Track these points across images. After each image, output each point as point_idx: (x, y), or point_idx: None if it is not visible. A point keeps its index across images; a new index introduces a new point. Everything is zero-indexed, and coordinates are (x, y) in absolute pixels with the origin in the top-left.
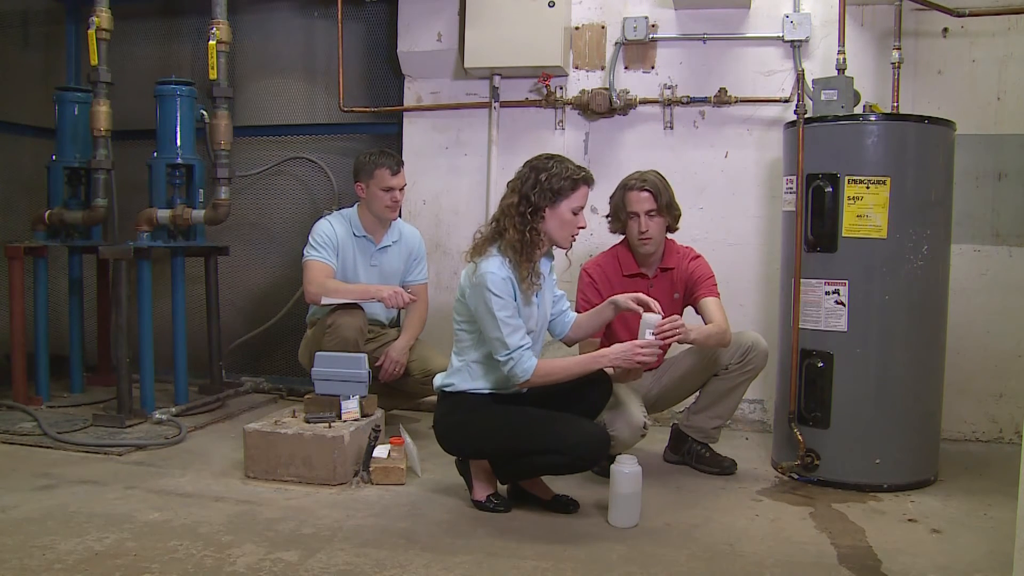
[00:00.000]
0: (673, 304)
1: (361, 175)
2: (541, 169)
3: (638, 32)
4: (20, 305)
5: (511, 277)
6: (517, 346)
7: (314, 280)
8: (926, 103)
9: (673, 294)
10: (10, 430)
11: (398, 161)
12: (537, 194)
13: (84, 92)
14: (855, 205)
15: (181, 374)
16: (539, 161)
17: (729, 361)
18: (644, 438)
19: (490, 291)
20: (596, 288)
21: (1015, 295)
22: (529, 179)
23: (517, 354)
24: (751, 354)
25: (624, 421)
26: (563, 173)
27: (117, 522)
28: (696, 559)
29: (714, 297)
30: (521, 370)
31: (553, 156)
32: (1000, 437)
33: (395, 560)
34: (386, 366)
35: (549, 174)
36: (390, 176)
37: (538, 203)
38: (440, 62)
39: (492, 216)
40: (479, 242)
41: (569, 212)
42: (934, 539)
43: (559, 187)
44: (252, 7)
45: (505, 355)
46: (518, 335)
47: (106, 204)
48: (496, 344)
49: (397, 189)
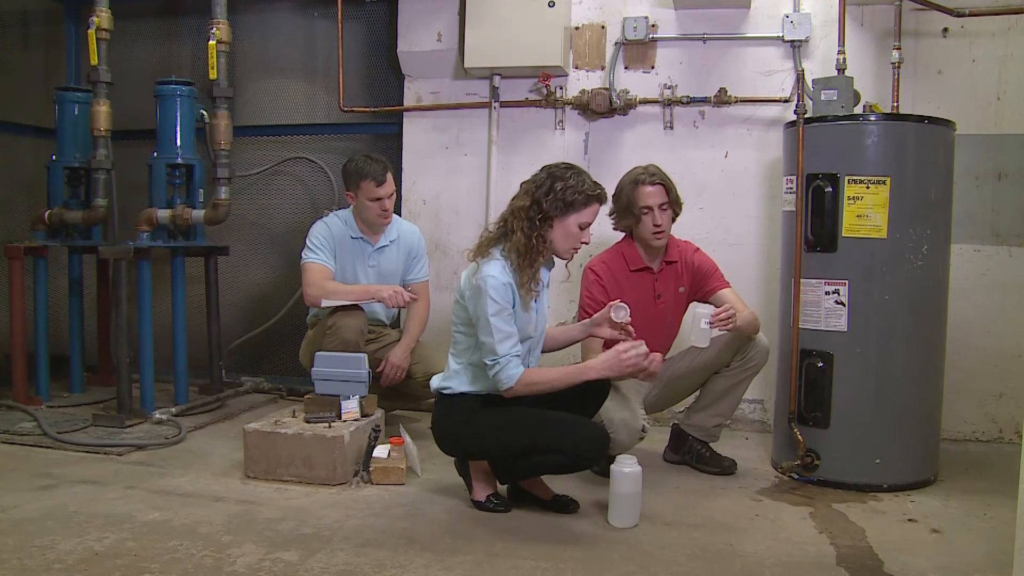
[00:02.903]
0: (678, 298)
1: (349, 185)
2: (558, 178)
3: (638, 32)
4: (20, 305)
5: (511, 283)
6: (505, 353)
7: (313, 282)
8: (926, 103)
9: (678, 288)
10: (10, 430)
11: (383, 169)
12: (549, 202)
13: (84, 92)
14: (855, 205)
15: (181, 374)
16: (558, 169)
17: (729, 359)
18: (643, 440)
19: (488, 296)
20: (603, 286)
21: (1015, 295)
22: (544, 185)
23: (504, 360)
24: (752, 351)
25: (622, 424)
26: (579, 187)
27: (117, 522)
28: (696, 559)
29: (729, 288)
30: (506, 376)
31: (572, 167)
32: (1000, 437)
33: (395, 560)
34: (387, 372)
35: (565, 184)
36: (375, 187)
37: (548, 211)
38: (440, 62)
39: (501, 215)
40: (483, 241)
41: (576, 226)
42: (934, 539)
43: (572, 200)
44: (252, 7)
45: (492, 360)
46: (508, 343)
47: (106, 204)
48: (485, 348)
49: (385, 197)
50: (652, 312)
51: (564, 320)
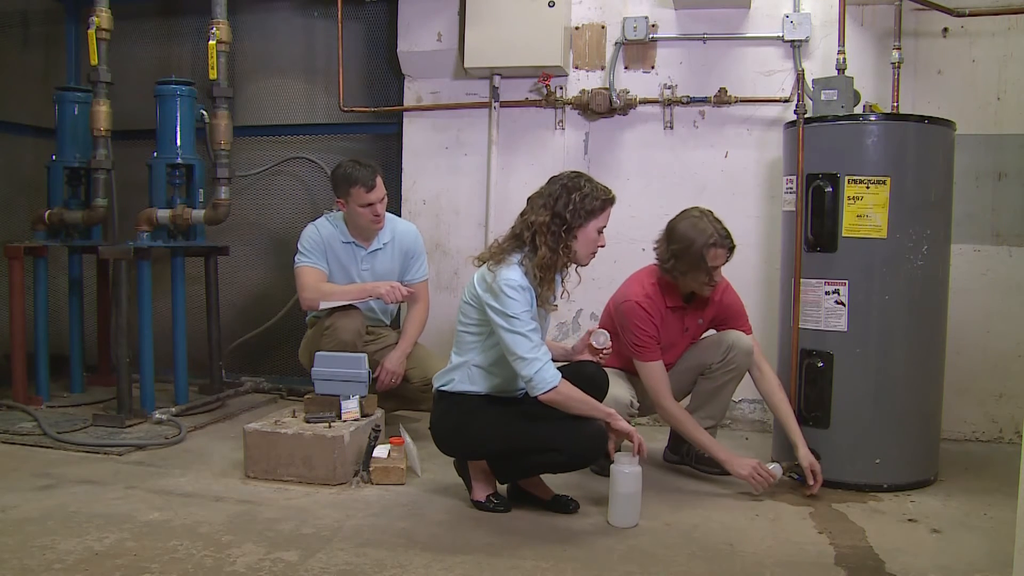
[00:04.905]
0: (698, 329)
1: (339, 191)
2: (574, 188)
3: (638, 32)
4: (20, 305)
5: (530, 289)
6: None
7: (307, 286)
8: (926, 103)
9: (698, 320)
10: (10, 430)
11: (372, 173)
12: (571, 213)
13: (84, 92)
14: (855, 205)
15: (181, 374)
16: (569, 179)
17: (712, 361)
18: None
19: (512, 298)
20: (653, 322)
21: (1015, 295)
22: (562, 197)
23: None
24: (731, 353)
25: (611, 400)
26: (595, 193)
27: (117, 522)
28: (696, 559)
29: (750, 334)
30: (549, 376)
31: (581, 175)
32: (1000, 437)
33: (395, 560)
34: (382, 378)
35: (582, 193)
36: (366, 193)
37: (572, 222)
38: (440, 62)
39: (512, 231)
40: (497, 249)
41: (595, 231)
42: (934, 539)
43: (592, 207)
44: (252, 7)
45: (530, 357)
46: (541, 346)
47: (106, 204)
48: (517, 347)
49: (377, 202)
50: (678, 343)
51: (564, 321)
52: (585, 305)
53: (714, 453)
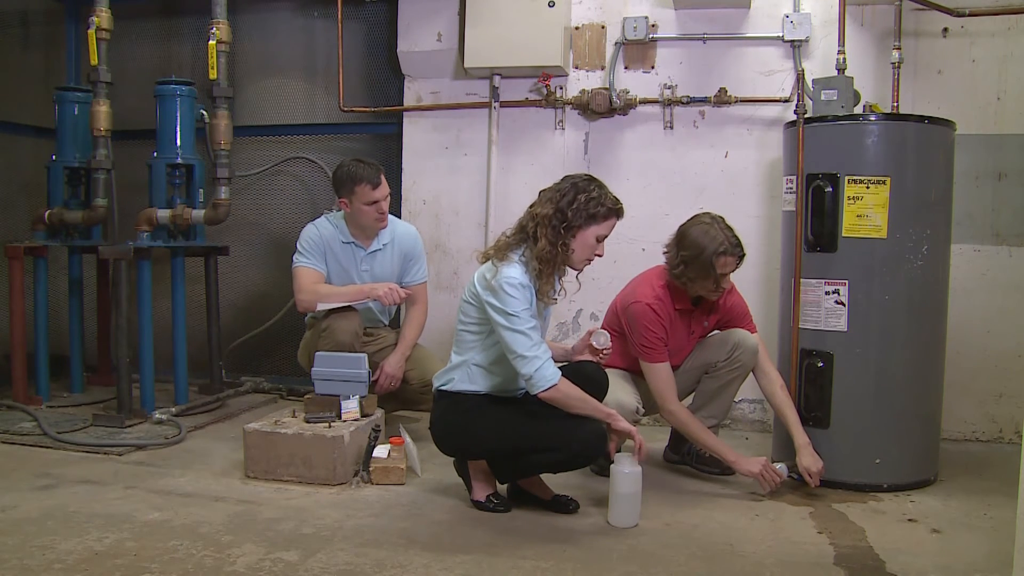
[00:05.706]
0: (703, 332)
1: (342, 191)
2: (582, 190)
3: (638, 32)
4: (20, 305)
5: (530, 287)
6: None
7: (304, 287)
8: (926, 103)
9: (704, 322)
10: (10, 430)
11: (377, 171)
12: (574, 212)
13: (84, 92)
14: (855, 205)
15: (181, 374)
16: (582, 181)
17: (717, 359)
18: (639, 423)
19: (512, 296)
20: (662, 324)
21: (1015, 295)
22: (568, 195)
23: (541, 358)
24: (737, 351)
25: (616, 405)
26: (601, 199)
27: (117, 522)
28: (696, 559)
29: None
30: (549, 373)
31: (594, 179)
32: (1000, 437)
33: (395, 560)
34: (381, 381)
35: (589, 196)
36: (371, 190)
37: (572, 221)
38: (440, 62)
39: (519, 221)
40: (502, 244)
41: (595, 238)
42: (934, 539)
43: (595, 212)
44: (252, 7)
45: (530, 355)
46: (540, 344)
47: (106, 204)
48: (516, 345)
49: (381, 200)
50: (684, 345)
51: (564, 321)
52: (585, 305)
53: (722, 455)
